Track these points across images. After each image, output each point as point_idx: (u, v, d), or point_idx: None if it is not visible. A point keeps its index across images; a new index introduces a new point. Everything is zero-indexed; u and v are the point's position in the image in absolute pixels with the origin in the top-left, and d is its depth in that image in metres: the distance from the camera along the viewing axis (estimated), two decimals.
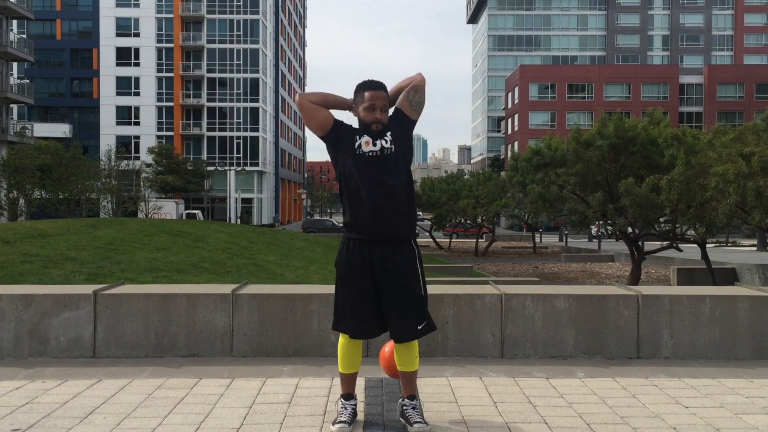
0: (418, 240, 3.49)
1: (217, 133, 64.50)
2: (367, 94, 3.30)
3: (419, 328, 3.24)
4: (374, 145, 3.24)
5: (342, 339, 3.37)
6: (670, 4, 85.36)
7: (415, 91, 3.34)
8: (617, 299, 4.80)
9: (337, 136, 3.35)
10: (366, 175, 3.23)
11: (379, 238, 3.23)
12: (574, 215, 22.02)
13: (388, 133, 3.28)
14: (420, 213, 41.02)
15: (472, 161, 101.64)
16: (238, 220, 58.61)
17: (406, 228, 3.29)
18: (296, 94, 3.40)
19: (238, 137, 64.39)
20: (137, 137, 64.15)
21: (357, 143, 3.27)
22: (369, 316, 3.26)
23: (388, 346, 3.51)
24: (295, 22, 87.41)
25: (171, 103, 64.38)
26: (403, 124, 3.34)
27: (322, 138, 3.41)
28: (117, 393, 3.86)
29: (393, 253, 3.23)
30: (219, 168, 59.30)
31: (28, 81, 53.08)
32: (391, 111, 3.39)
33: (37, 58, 61.71)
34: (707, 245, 18.98)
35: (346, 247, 3.32)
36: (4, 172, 34.55)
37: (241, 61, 64.48)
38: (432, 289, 4.90)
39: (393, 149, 3.26)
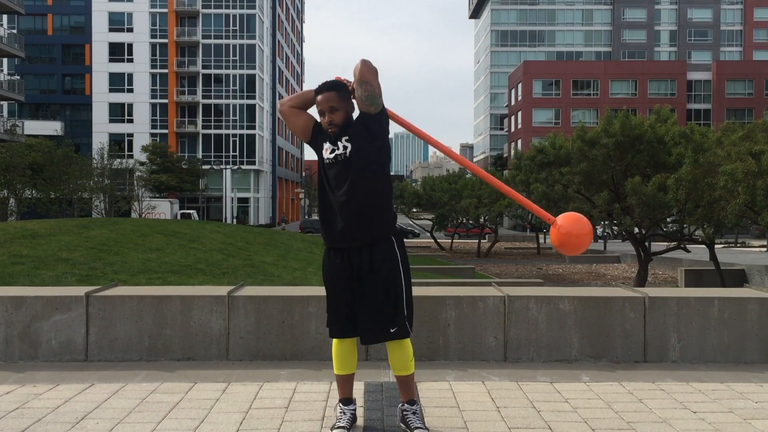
0: (418, 240, 3.49)
1: (212, 131, 64.49)
2: (318, 99, 3.28)
3: (391, 331, 3.22)
4: (331, 152, 3.23)
5: (335, 339, 3.38)
6: None
7: (359, 85, 3.15)
8: (623, 301, 4.80)
9: (317, 141, 3.35)
10: (327, 184, 3.24)
11: (349, 246, 3.23)
12: None
13: (344, 137, 3.22)
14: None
15: (475, 160, 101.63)
16: (234, 220, 58.60)
17: (377, 229, 3.24)
18: (279, 101, 3.35)
19: (234, 135, 64.39)
20: (130, 135, 64.16)
21: (324, 149, 3.28)
22: (344, 317, 3.27)
23: (558, 222, 3.30)
24: (292, 16, 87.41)
25: (165, 100, 64.39)
26: (366, 122, 3.25)
27: (308, 143, 3.40)
28: (110, 398, 3.86)
29: (371, 255, 3.21)
30: (214, 167, 59.35)
31: (18, 77, 53.07)
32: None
33: (28, 54, 61.61)
34: (715, 246, 18.99)
35: (327, 253, 3.34)
36: None
37: (237, 57, 64.49)
38: (433, 291, 4.90)
39: (347, 154, 3.20)
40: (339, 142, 3.22)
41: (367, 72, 3.15)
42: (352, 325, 3.29)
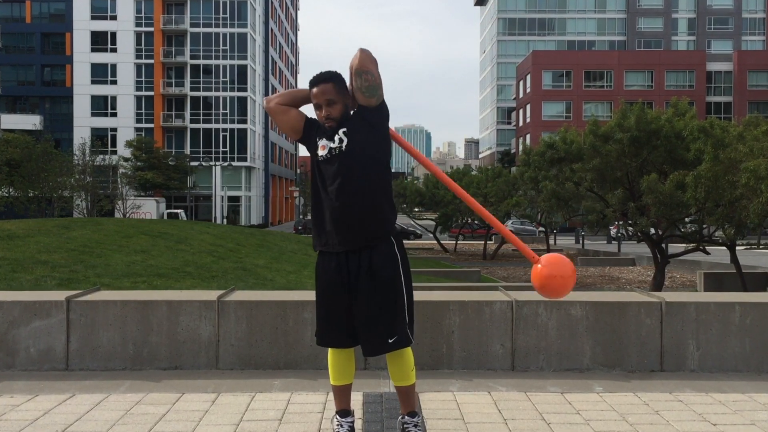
0: (420, 242, 3.48)
1: (201, 125, 64.51)
2: (312, 92, 3.28)
3: (390, 341, 3.19)
4: (326, 148, 3.23)
5: (330, 349, 3.38)
6: None
7: (358, 75, 3.15)
8: (638, 307, 4.81)
9: (309, 138, 3.36)
10: (321, 183, 3.23)
11: (342, 249, 3.21)
12: (591, 215, 22.04)
13: (342, 130, 3.22)
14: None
15: (480, 156, 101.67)
16: (225, 220, 58.62)
17: (376, 230, 3.22)
18: (264, 99, 3.38)
19: (225, 129, 64.40)
20: (114, 129, 64.16)
21: (318, 147, 3.28)
22: (338, 326, 3.25)
23: (541, 263, 3.33)
24: (286, 3, 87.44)
25: (151, 93, 64.39)
26: (366, 115, 3.25)
27: (299, 141, 3.41)
28: (92, 409, 3.86)
29: (370, 258, 3.19)
30: (203, 163, 59.29)
31: None
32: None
33: (5, 43, 61.67)
34: (737, 248, 18.97)
35: (321, 257, 3.32)
36: None
37: (228, 47, 64.49)
38: (437, 296, 4.91)
39: (343, 148, 3.19)
40: (335, 136, 3.22)
41: (368, 61, 3.14)
42: (347, 335, 3.28)
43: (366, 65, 3.14)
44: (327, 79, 3.25)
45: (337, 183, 3.17)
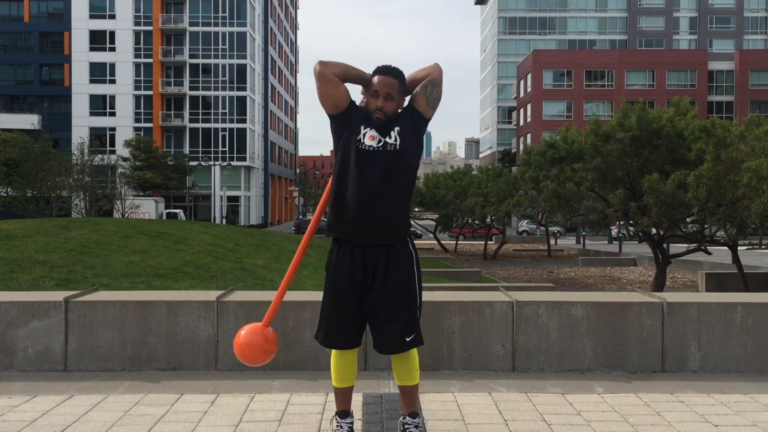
0: (420, 242, 3.50)
1: (200, 125, 64.50)
2: (376, 78, 3.30)
3: (407, 340, 3.22)
4: (378, 141, 3.24)
5: (334, 350, 3.37)
6: None
7: (433, 85, 3.30)
8: (640, 307, 4.81)
9: (347, 118, 3.33)
10: (360, 171, 3.21)
11: (363, 242, 3.23)
12: (592, 215, 22.06)
13: (396, 129, 3.27)
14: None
15: (481, 155, 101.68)
16: (224, 220, 58.63)
17: (400, 228, 3.27)
18: (316, 62, 3.36)
19: (224, 129, 64.40)
20: (113, 129, 64.16)
21: (361, 134, 3.26)
22: (347, 325, 3.25)
23: (244, 330, 3.43)
24: (285, 2, 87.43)
25: (150, 92, 64.38)
26: (417, 121, 3.33)
27: (331, 116, 3.37)
28: (90, 410, 3.86)
29: (388, 256, 3.22)
30: (202, 163, 59.30)
31: None
32: (405, 102, 3.39)
33: (3, 42, 61.71)
34: (739, 248, 18.99)
35: (336, 248, 3.31)
36: None
37: (227, 46, 64.48)
38: (437, 296, 4.91)
39: (397, 146, 3.24)
40: (392, 132, 3.26)
41: (442, 75, 3.34)
42: (356, 333, 3.29)
43: (440, 78, 3.34)
44: (396, 74, 3.30)
45: (380, 177, 3.19)
